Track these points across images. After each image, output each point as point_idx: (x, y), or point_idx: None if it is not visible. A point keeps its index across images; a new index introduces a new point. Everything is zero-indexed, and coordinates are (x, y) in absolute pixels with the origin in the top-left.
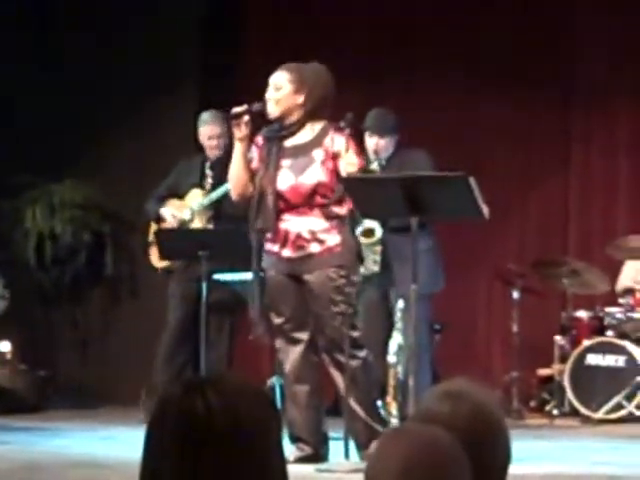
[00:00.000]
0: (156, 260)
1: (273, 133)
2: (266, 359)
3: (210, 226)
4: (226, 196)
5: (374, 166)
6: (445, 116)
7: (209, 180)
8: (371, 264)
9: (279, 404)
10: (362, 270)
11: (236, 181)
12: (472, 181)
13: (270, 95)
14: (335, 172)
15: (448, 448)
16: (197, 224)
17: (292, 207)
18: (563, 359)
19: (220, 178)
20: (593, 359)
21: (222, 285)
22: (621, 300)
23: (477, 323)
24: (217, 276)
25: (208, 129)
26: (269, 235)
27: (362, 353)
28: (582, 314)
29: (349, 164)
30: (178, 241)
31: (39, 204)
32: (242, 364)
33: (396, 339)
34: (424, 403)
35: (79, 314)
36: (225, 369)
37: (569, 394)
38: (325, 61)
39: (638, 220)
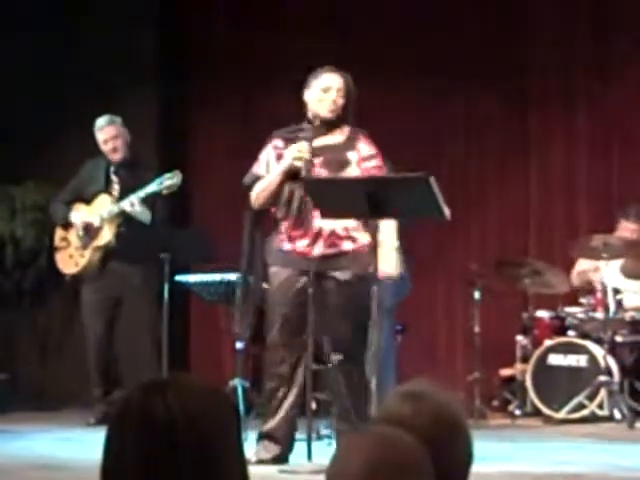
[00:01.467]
0: (64, 266)
1: (293, 134)
2: (228, 361)
3: (122, 230)
4: (156, 198)
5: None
6: (402, 116)
7: (115, 186)
8: None
9: (241, 406)
10: None
11: (268, 193)
12: (433, 181)
13: (331, 96)
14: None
15: (410, 449)
16: (107, 232)
17: None
18: (525, 359)
19: (126, 183)
20: (555, 359)
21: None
22: (582, 300)
23: (439, 324)
24: (178, 277)
25: (102, 134)
26: (293, 233)
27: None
28: (543, 314)
29: (375, 167)
30: (139, 243)
31: None
32: (204, 366)
33: None
34: (386, 404)
35: (40, 317)
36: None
37: (531, 394)
38: (283, 57)
39: (598, 220)
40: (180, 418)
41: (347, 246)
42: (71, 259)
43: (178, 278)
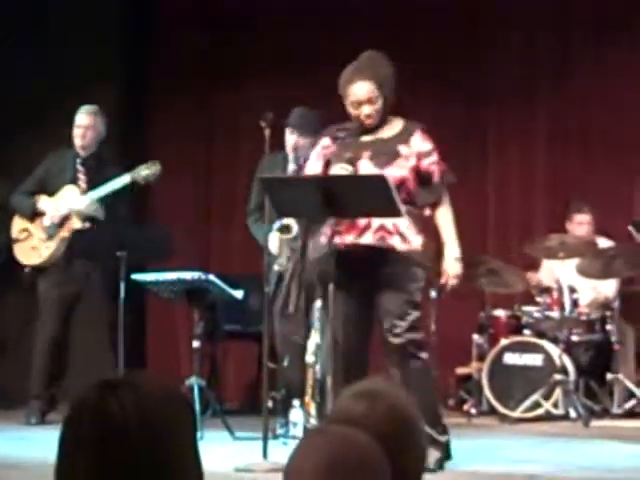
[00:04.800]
0: (26, 257)
1: (344, 132)
2: (184, 359)
3: (87, 225)
4: (117, 195)
5: (290, 165)
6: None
7: (81, 177)
8: (285, 261)
9: (197, 405)
10: (276, 268)
11: None
12: (389, 180)
13: (363, 112)
14: (416, 171)
15: (367, 448)
16: (76, 222)
17: None
18: (481, 358)
19: (92, 176)
20: (511, 358)
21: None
22: (538, 299)
23: None
24: (135, 276)
25: (77, 118)
26: (339, 228)
27: (424, 354)
28: (500, 313)
29: (434, 163)
30: (94, 241)
31: None
32: (161, 365)
33: (314, 339)
34: (340, 402)
35: None
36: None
37: (487, 393)
38: (247, 57)
39: (555, 219)
40: (134, 417)
41: (396, 242)
42: (34, 250)
43: (135, 276)
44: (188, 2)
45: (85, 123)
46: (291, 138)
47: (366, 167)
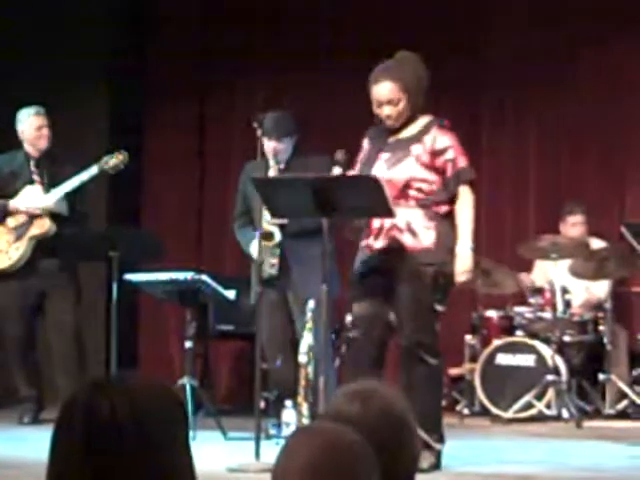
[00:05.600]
0: None
1: (379, 133)
2: (177, 360)
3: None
4: (77, 192)
5: (272, 171)
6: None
7: (36, 178)
8: (269, 267)
9: (189, 405)
10: (263, 274)
11: None
12: (381, 181)
13: (385, 112)
14: (433, 169)
15: (356, 447)
16: (47, 220)
17: (393, 196)
18: (473, 358)
19: (50, 174)
20: (503, 359)
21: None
22: (531, 300)
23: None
24: (127, 276)
25: (36, 120)
26: (367, 229)
27: (434, 361)
28: (492, 314)
29: (449, 161)
30: (87, 242)
31: None
32: (153, 364)
33: (307, 339)
34: (333, 402)
35: None
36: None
37: (479, 393)
38: (244, 55)
39: (548, 220)
40: (126, 418)
41: (407, 240)
42: (2, 253)
43: (127, 277)
44: (181, 3)
45: (45, 123)
46: (269, 144)
47: (379, 169)
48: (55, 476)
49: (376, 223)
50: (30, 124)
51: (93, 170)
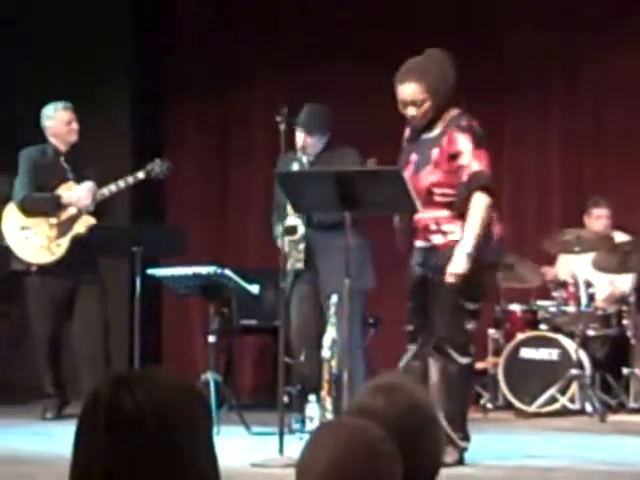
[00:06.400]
0: (33, 256)
1: (411, 132)
2: (200, 354)
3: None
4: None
5: (295, 164)
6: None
7: (69, 174)
8: (295, 261)
9: (213, 400)
10: (288, 267)
11: None
12: (404, 175)
13: (409, 112)
14: (452, 172)
15: (379, 443)
16: (87, 218)
17: (420, 200)
18: (497, 352)
19: (78, 170)
20: (527, 352)
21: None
22: (554, 293)
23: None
24: (150, 271)
25: (66, 114)
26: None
27: (464, 360)
28: (516, 307)
29: (462, 166)
30: (112, 238)
31: None
32: (176, 359)
33: (330, 333)
34: (358, 397)
35: (12, 311)
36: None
37: (503, 387)
38: (260, 52)
39: (571, 214)
40: (149, 413)
41: (438, 240)
42: (44, 249)
43: (150, 271)
44: (204, 1)
45: (74, 117)
46: (299, 137)
47: (409, 171)
48: (79, 470)
49: (418, 224)
50: (60, 119)
51: (140, 175)
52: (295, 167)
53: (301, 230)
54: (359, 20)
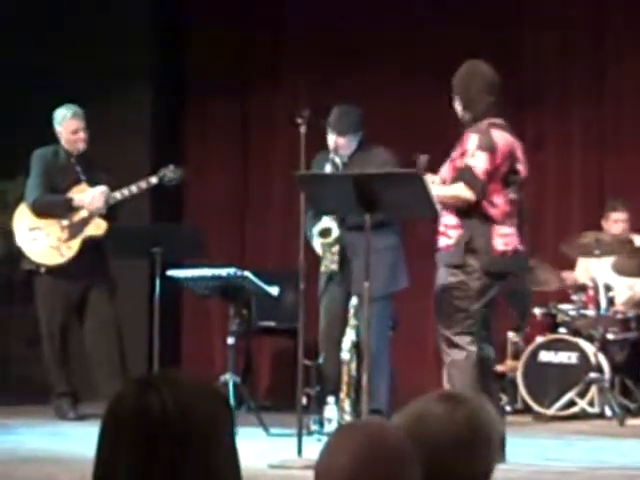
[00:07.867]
0: (45, 257)
1: None
2: (219, 356)
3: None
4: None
5: (328, 166)
6: (411, 114)
7: (82, 177)
8: (329, 263)
9: (231, 401)
10: (322, 269)
11: None
12: (425, 178)
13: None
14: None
15: (399, 445)
16: (101, 221)
17: None
18: (516, 356)
19: (90, 174)
20: (546, 356)
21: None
22: (574, 297)
23: (429, 320)
24: (170, 272)
25: (75, 121)
26: None
27: (453, 351)
28: (535, 311)
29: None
30: (130, 238)
31: None
32: (196, 360)
33: (349, 336)
34: (421, 401)
35: (31, 311)
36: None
37: (522, 391)
38: (281, 57)
39: (591, 217)
40: (174, 413)
41: (442, 242)
42: (54, 250)
43: (170, 273)
44: (221, 1)
45: (82, 125)
46: (331, 138)
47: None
48: (104, 471)
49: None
50: (66, 127)
51: (153, 180)
52: (328, 168)
53: (335, 232)
54: (376, 21)
